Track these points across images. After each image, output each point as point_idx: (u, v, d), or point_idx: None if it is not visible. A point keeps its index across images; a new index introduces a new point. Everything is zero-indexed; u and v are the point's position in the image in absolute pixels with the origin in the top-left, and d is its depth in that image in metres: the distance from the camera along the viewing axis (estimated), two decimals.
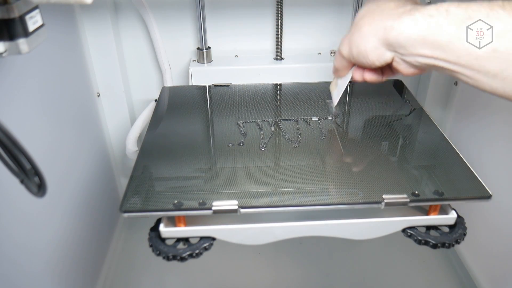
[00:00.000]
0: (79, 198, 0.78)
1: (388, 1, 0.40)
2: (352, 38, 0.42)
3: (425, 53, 0.35)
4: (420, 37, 0.35)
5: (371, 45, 0.40)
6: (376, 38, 0.39)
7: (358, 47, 0.41)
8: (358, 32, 0.40)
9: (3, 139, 0.32)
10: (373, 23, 0.39)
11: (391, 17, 0.38)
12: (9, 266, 0.55)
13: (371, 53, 0.40)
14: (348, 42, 0.43)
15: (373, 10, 0.40)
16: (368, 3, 0.43)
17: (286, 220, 0.46)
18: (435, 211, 0.47)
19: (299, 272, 0.95)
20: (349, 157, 0.55)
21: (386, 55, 0.40)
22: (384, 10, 0.39)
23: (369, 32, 0.39)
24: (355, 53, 0.42)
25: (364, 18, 0.41)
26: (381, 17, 0.39)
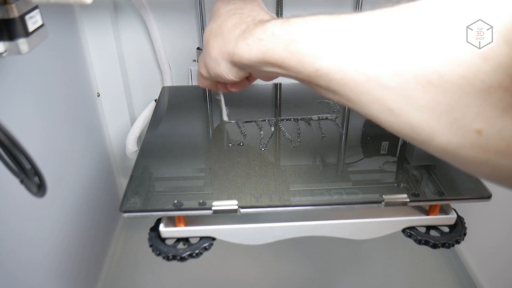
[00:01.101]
0: (79, 198, 0.78)
1: (226, 19, 0.40)
2: (206, 61, 0.42)
3: (271, 70, 0.35)
4: (258, 59, 0.35)
5: (224, 67, 0.40)
6: (225, 61, 0.39)
7: (213, 70, 0.41)
8: (209, 57, 0.41)
9: (3, 139, 0.32)
10: (218, 47, 0.40)
11: (230, 42, 0.38)
12: (9, 266, 0.55)
13: (228, 74, 0.40)
14: (203, 65, 0.43)
15: (215, 32, 0.40)
16: (211, 21, 0.42)
17: (286, 220, 0.46)
18: (435, 211, 0.47)
19: (299, 272, 0.95)
20: (349, 157, 0.55)
21: (241, 72, 0.40)
22: (223, 32, 0.39)
23: (217, 56, 0.40)
24: (214, 75, 0.42)
25: (210, 42, 0.41)
26: (222, 40, 0.39)
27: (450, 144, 0.24)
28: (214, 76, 0.42)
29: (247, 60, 0.36)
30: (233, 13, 0.41)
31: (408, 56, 0.24)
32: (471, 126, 0.23)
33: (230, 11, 0.41)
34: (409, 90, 0.24)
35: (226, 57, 0.39)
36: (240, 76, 0.41)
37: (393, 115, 0.26)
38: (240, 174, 0.50)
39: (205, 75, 0.43)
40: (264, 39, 0.34)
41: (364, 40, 0.28)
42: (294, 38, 0.32)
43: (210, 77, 0.43)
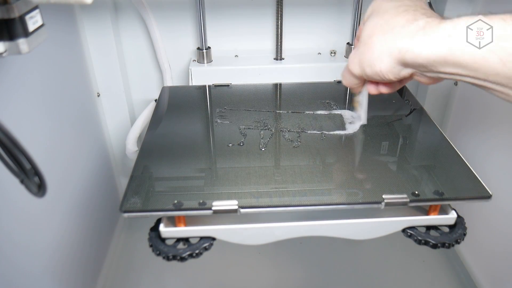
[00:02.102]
0: (79, 198, 0.78)
1: (396, 15, 0.37)
2: (364, 57, 0.39)
3: (449, 71, 0.33)
4: (440, 58, 0.32)
5: (386, 65, 0.37)
6: (391, 58, 0.36)
7: (372, 67, 0.38)
8: (370, 52, 0.38)
9: (3, 139, 0.32)
10: (385, 43, 0.36)
11: (405, 36, 0.35)
12: (9, 266, 0.55)
13: (388, 73, 0.37)
14: (358, 62, 0.40)
15: (381, 27, 0.37)
16: (373, 17, 0.39)
17: (286, 220, 0.46)
18: (435, 211, 0.47)
19: (299, 272, 0.95)
20: (349, 157, 0.55)
21: (404, 72, 0.37)
22: (394, 27, 0.36)
23: (382, 52, 0.37)
24: (369, 73, 0.39)
25: (374, 37, 0.37)
26: (392, 35, 0.36)
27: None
28: (369, 74, 0.39)
29: (424, 57, 0.33)
30: (404, 9, 0.37)
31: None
32: None
33: (400, 7, 0.38)
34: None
35: (395, 53, 0.36)
36: (400, 76, 0.38)
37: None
38: (240, 174, 0.50)
39: (357, 73, 0.40)
40: (455, 35, 0.32)
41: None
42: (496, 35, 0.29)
43: (363, 75, 0.40)
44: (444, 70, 0.33)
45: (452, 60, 0.32)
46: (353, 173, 0.51)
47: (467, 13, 0.84)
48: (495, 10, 0.30)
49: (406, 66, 0.36)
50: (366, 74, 0.40)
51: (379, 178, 0.49)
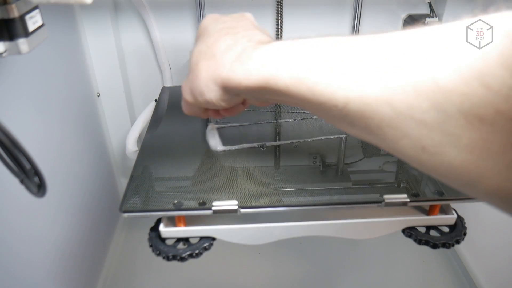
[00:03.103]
0: (79, 198, 0.78)
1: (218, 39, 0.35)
2: (193, 86, 0.37)
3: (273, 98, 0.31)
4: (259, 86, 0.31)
5: (215, 94, 0.35)
6: (218, 87, 0.34)
7: (202, 96, 0.36)
8: (197, 81, 0.36)
9: (3, 139, 0.32)
10: (209, 71, 0.35)
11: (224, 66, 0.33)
12: (9, 266, 0.55)
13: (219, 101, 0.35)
14: (190, 91, 0.38)
15: (204, 53, 0.36)
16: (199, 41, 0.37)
17: (286, 220, 0.46)
18: (435, 211, 0.47)
19: (299, 272, 0.95)
20: (349, 157, 0.55)
21: (235, 99, 0.36)
22: (215, 54, 0.34)
23: (208, 81, 0.35)
24: (202, 102, 0.36)
25: (199, 64, 0.36)
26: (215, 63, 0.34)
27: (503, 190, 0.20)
28: (202, 103, 0.37)
29: (245, 87, 0.32)
30: (226, 33, 0.36)
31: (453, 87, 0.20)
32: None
33: (222, 30, 0.37)
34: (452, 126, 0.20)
35: (219, 82, 0.34)
36: (234, 103, 0.36)
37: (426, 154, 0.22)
38: (240, 174, 0.50)
39: (192, 102, 0.38)
40: (267, 63, 0.30)
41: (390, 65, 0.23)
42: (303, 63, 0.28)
43: (198, 104, 0.38)
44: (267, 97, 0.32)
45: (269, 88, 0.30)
46: (353, 173, 0.51)
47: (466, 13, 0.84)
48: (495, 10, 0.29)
49: (234, 92, 0.35)
50: (199, 103, 0.37)
51: (379, 178, 0.49)
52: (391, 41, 0.25)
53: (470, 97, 0.20)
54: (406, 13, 0.89)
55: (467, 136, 0.20)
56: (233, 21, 0.39)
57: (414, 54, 0.23)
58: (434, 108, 0.21)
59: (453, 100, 0.20)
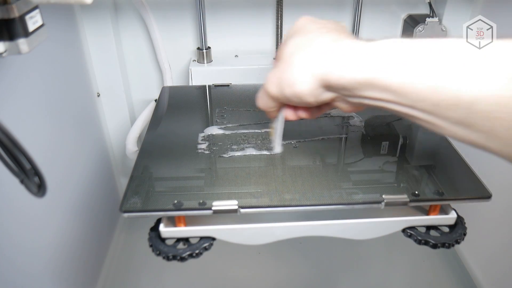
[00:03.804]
0: (79, 198, 0.78)
1: (322, 34, 0.35)
2: (283, 76, 0.35)
3: (374, 96, 0.31)
4: (367, 80, 0.30)
5: (307, 86, 0.34)
6: (314, 79, 0.33)
7: (291, 87, 0.35)
8: (290, 71, 0.35)
9: (3, 139, 0.32)
10: (308, 62, 0.34)
11: (329, 57, 0.32)
12: (9, 266, 0.55)
13: (308, 95, 0.34)
14: (277, 81, 0.36)
15: (303, 45, 0.35)
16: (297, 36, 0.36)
17: (286, 220, 0.46)
18: (435, 211, 0.47)
19: (299, 272, 0.95)
20: (349, 157, 0.55)
21: (325, 96, 0.35)
22: (319, 46, 0.34)
23: (304, 72, 0.34)
24: (288, 94, 0.36)
25: (295, 55, 0.35)
26: (316, 54, 0.33)
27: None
28: (288, 96, 0.36)
29: (348, 80, 0.31)
30: (328, 31, 0.35)
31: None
32: None
33: (323, 29, 0.36)
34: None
35: (318, 74, 0.33)
36: (321, 100, 0.35)
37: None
38: (240, 174, 0.50)
39: (275, 94, 0.37)
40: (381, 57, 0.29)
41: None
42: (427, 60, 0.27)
43: (281, 97, 0.36)
44: (369, 95, 0.31)
45: (379, 84, 0.29)
46: (353, 173, 0.51)
47: (467, 13, 0.84)
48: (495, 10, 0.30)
49: (328, 89, 0.34)
50: (284, 96, 0.36)
51: (379, 178, 0.49)
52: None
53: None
54: (406, 13, 0.89)
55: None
56: (331, 24, 0.38)
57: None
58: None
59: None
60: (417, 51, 0.28)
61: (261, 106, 0.40)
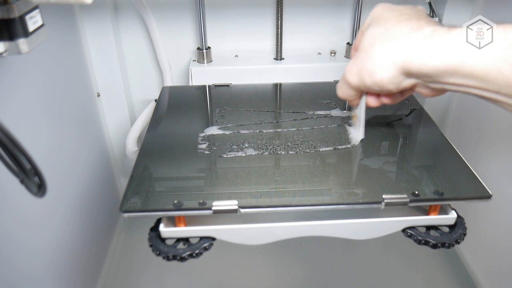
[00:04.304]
0: (79, 198, 0.78)
1: (399, 23, 0.35)
2: (364, 66, 0.37)
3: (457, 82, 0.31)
4: (449, 67, 0.30)
5: (388, 75, 0.35)
6: (394, 67, 0.34)
7: (372, 76, 0.36)
8: (371, 60, 0.36)
9: (3, 139, 0.32)
10: (388, 51, 0.34)
11: (410, 45, 0.33)
12: (9, 266, 0.55)
13: (389, 83, 0.36)
14: (357, 71, 0.38)
15: (383, 35, 0.35)
16: (374, 25, 0.37)
17: (286, 220, 0.46)
18: (435, 211, 0.47)
19: (299, 272, 0.95)
20: (349, 157, 0.55)
21: (406, 82, 0.36)
22: (398, 35, 0.34)
23: (384, 61, 0.35)
24: (369, 83, 0.37)
25: (376, 45, 0.36)
26: (396, 43, 0.34)
27: None
28: (368, 85, 0.37)
29: (432, 67, 0.31)
30: (407, 18, 0.36)
31: None
32: None
33: (402, 16, 0.36)
34: None
35: (399, 62, 0.34)
36: (402, 87, 0.36)
37: None
38: (240, 174, 0.50)
39: (355, 84, 0.38)
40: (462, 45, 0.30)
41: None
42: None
43: (361, 86, 0.38)
44: (451, 81, 0.32)
45: (462, 71, 0.30)
46: (353, 173, 0.51)
47: (467, 13, 0.84)
48: (495, 10, 0.29)
49: (409, 76, 0.35)
50: (364, 85, 0.38)
51: (379, 178, 0.49)
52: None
53: None
54: None
55: None
56: (409, 9, 0.38)
57: None
58: None
59: None
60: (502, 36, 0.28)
61: (342, 95, 0.42)
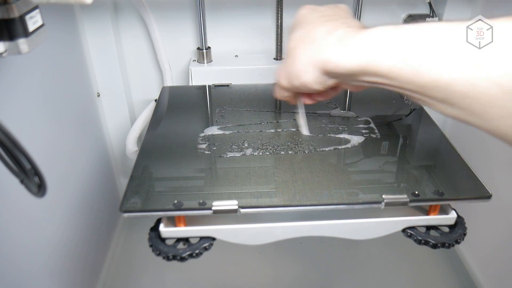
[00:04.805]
0: (79, 198, 0.78)
1: (318, 26, 0.37)
2: (290, 70, 0.39)
3: (370, 80, 0.33)
4: (359, 68, 0.32)
5: (312, 76, 0.37)
6: (315, 69, 0.36)
7: (298, 79, 0.38)
8: (295, 64, 0.38)
9: (3, 139, 0.32)
10: (308, 54, 0.37)
11: (325, 48, 0.35)
12: (9, 266, 0.55)
13: (314, 83, 0.38)
14: (285, 74, 0.40)
15: (303, 38, 0.37)
16: (297, 29, 0.39)
17: (286, 220, 0.46)
18: (435, 211, 0.47)
19: (299, 272, 0.95)
20: (349, 157, 0.55)
21: (330, 81, 0.38)
22: (315, 38, 0.36)
23: (306, 64, 0.37)
24: (297, 85, 0.39)
25: (298, 48, 0.38)
26: (314, 47, 0.36)
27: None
28: (298, 86, 0.39)
29: (345, 68, 0.33)
30: (325, 20, 0.37)
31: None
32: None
33: (322, 18, 0.38)
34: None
35: (318, 64, 0.36)
36: (327, 86, 0.38)
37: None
38: (240, 174, 0.50)
39: (286, 86, 0.40)
40: (370, 45, 0.32)
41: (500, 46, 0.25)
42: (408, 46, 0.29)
43: (292, 88, 0.40)
44: (366, 79, 0.33)
45: (370, 70, 0.32)
46: (353, 173, 0.51)
47: (467, 13, 0.84)
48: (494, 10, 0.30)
49: (330, 75, 0.37)
50: (294, 86, 0.40)
51: (379, 178, 0.49)
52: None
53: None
54: (406, 13, 0.89)
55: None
56: (330, 10, 0.40)
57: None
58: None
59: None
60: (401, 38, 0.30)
61: (278, 97, 0.44)
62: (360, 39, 0.33)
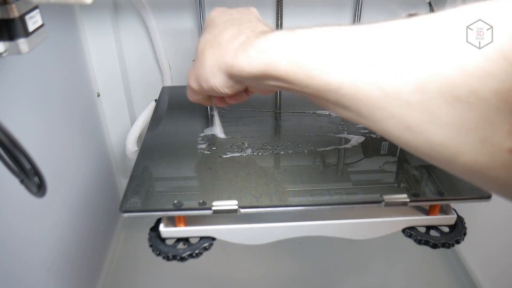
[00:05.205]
0: (79, 198, 0.78)
1: (224, 30, 0.38)
2: (199, 73, 0.39)
3: (273, 84, 0.33)
4: (260, 72, 0.33)
5: (219, 80, 0.37)
6: (222, 73, 0.37)
7: (207, 82, 0.38)
8: (203, 68, 0.38)
9: (3, 139, 0.32)
10: (214, 58, 0.37)
11: (228, 53, 0.35)
12: (9, 266, 0.55)
13: (223, 87, 0.38)
14: (195, 78, 0.40)
15: (211, 42, 0.38)
16: (206, 32, 0.40)
17: (286, 220, 0.46)
18: (435, 211, 0.47)
19: (299, 272, 0.95)
20: (349, 157, 0.55)
21: (238, 85, 0.38)
22: (220, 43, 0.37)
23: (213, 68, 0.37)
24: (207, 88, 0.39)
25: (205, 52, 0.38)
26: (219, 51, 0.37)
27: (477, 164, 0.22)
28: (207, 90, 0.39)
29: (247, 73, 0.34)
30: (231, 24, 0.38)
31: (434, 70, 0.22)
32: (502, 145, 0.21)
33: (228, 22, 0.39)
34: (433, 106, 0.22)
35: (224, 69, 0.36)
36: (236, 90, 0.39)
37: (411, 132, 0.24)
38: (240, 174, 0.50)
39: (197, 89, 0.40)
40: (267, 51, 0.32)
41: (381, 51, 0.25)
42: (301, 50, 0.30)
43: (202, 91, 0.40)
44: (268, 83, 0.34)
45: (270, 74, 0.32)
46: (353, 173, 0.51)
47: None
48: None
49: (236, 80, 0.37)
50: (203, 89, 0.40)
51: (379, 178, 0.49)
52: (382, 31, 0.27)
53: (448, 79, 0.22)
54: (406, 13, 0.89)
55: (446, 115, 0.22)
56: (238, 13, 0.41)
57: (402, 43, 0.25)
58: (417, 90, 0.23)
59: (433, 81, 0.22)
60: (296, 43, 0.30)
61: (191, 99, 0.44)
62: (259, 44, 0.33)
